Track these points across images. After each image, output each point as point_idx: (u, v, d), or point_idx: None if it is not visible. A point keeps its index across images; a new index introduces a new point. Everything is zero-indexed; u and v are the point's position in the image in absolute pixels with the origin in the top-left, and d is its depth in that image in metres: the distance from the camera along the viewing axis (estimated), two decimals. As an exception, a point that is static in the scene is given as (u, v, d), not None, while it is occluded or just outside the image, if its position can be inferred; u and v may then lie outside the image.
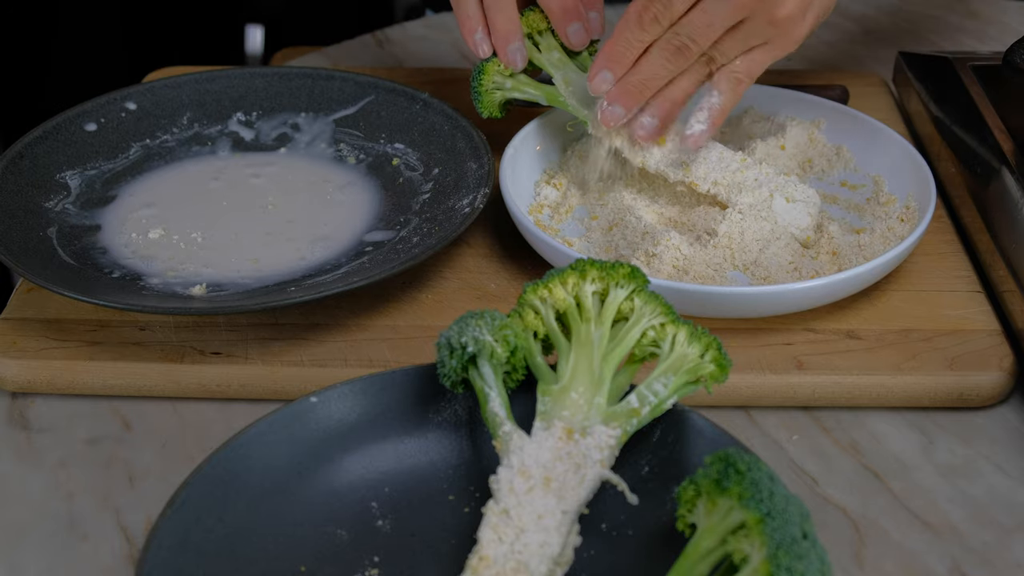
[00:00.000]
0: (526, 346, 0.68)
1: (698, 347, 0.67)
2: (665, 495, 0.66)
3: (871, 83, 1.09)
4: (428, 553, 0.66)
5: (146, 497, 0.72)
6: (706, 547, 0.59)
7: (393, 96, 0.99)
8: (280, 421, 0.68)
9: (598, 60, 0.85)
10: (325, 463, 0.69)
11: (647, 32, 0.83)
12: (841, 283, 0.79)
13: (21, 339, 0.81)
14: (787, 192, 0.85)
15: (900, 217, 0.88)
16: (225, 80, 1.00)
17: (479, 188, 0.88)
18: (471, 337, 0.67)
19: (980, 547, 0.69)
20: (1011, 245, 0.82)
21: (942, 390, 0.78)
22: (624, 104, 0.85)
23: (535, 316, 0.69)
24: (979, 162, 0.89)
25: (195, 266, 0.86)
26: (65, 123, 0.95)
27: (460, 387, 0.69)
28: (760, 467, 0.59)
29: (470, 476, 0.69)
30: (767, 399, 0.78)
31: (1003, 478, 0.74)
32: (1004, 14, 1.24)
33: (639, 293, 0.69)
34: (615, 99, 0.85)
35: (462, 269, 0.88)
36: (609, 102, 0.85)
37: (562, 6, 0.89)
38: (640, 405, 0.66)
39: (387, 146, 0.97)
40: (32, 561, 0.69)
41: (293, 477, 0.67)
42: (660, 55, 0.84)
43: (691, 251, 0.83)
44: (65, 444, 0.76)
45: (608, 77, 0.84)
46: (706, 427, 0.67)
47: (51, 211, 0.89)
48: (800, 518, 0.58)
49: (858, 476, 0.74)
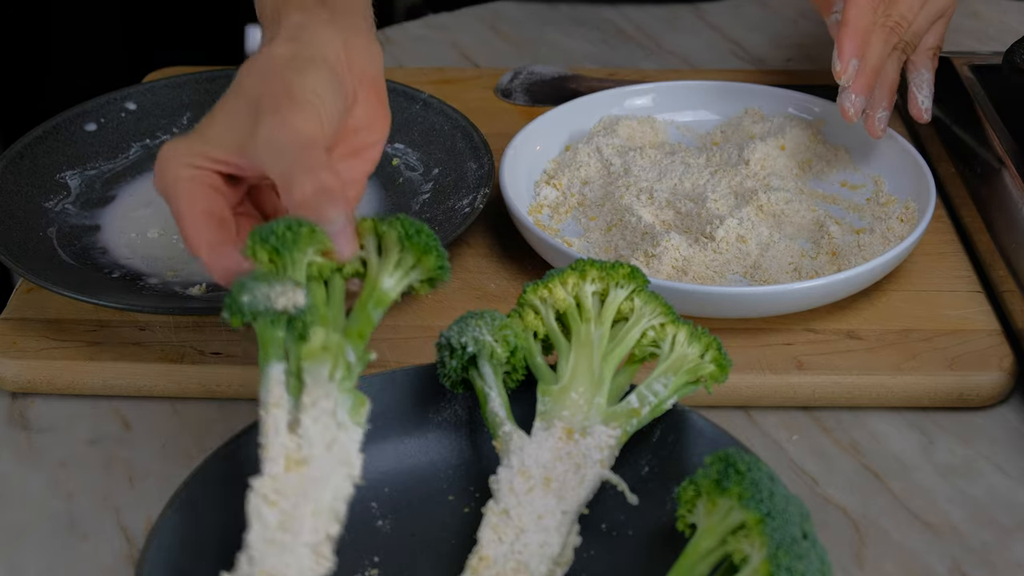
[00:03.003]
0: (526, 346, 0.68)
1: (698, 347, 0.67)
2: (665, 495, 0.66)
3: (871, 83, 1.09)
4: (428, 553, 0.66)
5: (146, 497, 0.72)
6: (706, 547, 0.59)
7: (393, 96, 0.98)
8: (280, 421, 0.68)
9: (844, 50, 0.86)
10: (325, 463, 0.68)
11: (877, 17, 0.87)
12: (841, 283, 0.79)
13: (21, 339, 0.81)
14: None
15: (900, 217, 0.88)
16: (225, 80, 1.00)
17: (479, 188, 0.88)
18: (471, 337, 0.67)
19: (980, 547, 0.69)
20: (1011, 245, 0.82)
21: (942, 390, 0.78)
22: (864, 92, 0.87)
23: (535, 316, 0.69)
24: (979, 162, 0.89)
25: (195, 266, 0.86)
26: (65, 123, 0.95)
27: (460, 387, 0.68)
28: (760, 467, 0.59)
29: (470, 476, 0.69)
30: (767, 399, 0.78)
31: (1003, 478, 0.74)
32: (1004, 14, 1.24)
33: (639, 293, 0.69)
34: (858, 88, 0.87)
35: (462, 269, 0.88)
36: (854, 92, 0.87)
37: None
38: (640, 405, 0.66)
39: (387, 146, 0.97)
40: (32, 561, 0.69)
41: (293, 477, 0.67)
42: (879, 39, 0.87)
43: (690, 252, 0.83)
44: (65, 444, 0.76)
45: (857, 64, 0.86)
46: (706, 427, 0.67)
47: (51, 211, 0.89)
48: (800, 518, 0.58)
49: (858, 476, 0.74)
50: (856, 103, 0.87)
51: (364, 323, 0.65)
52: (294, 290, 0.62)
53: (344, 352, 0.63)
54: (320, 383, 0.62)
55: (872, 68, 0.87)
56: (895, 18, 0.87)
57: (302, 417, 0.61)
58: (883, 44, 0.87)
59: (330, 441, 0.61)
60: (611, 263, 0.69)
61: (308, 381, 0.62)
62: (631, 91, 1.00)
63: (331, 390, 0.62)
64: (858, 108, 0.88)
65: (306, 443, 0.61)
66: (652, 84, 1.01)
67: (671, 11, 1.23)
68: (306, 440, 0.61)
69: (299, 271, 0.64)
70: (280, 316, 0.62)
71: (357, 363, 0.64)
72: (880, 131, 0.90)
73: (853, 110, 0.88)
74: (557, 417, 0.66)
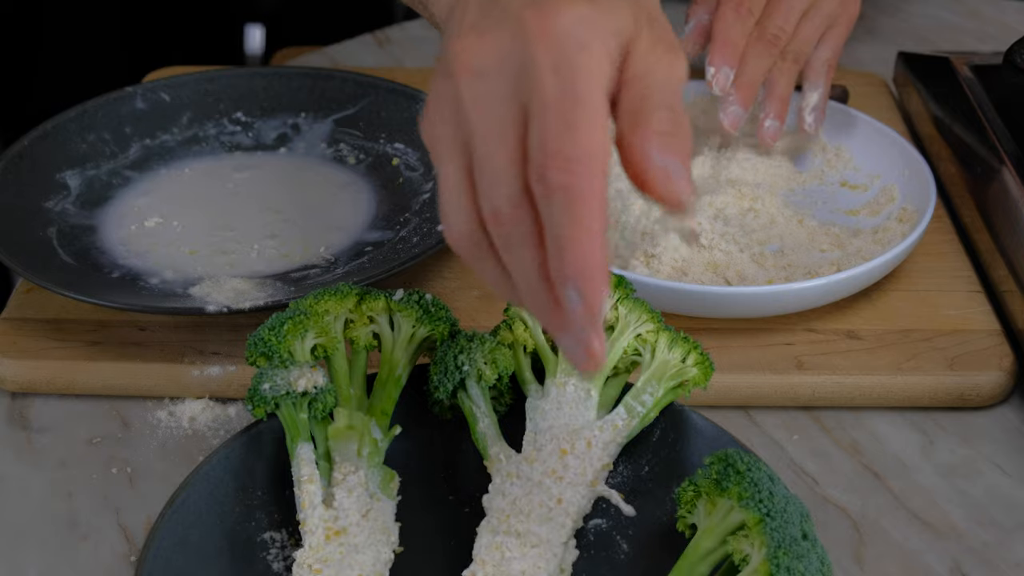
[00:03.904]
0: (515, 365, 0.69)
1: (679, 352, 0.67)
2: (665, 495, 0.66)
3: (871, 83, 1.09)
4: (428, 554, 0.66)
5: (146, 497, 0.72)
6: (706, 547, 0.59)
7: (393, 96, 0.99)
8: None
9: (714, 59, 0.87)
10: (325, 463, 0.69)
11: (746, 24, 0.87)
12: (841, 283, 0.79)
13: (21, 339, 0.81)
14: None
15: (900, 217, 0.88)
16: (225, 80, 1.00)
17: (479, 188, 0.88)
18: (465, 358, 0.67)
19: (980, 547, 0.69)
20: (1011, 245, 0.82)
21: (942, 390, 0.78)
22: (743, 103, 0.88)
23: (524, 329, 0.69)
24: (979, 162, 0.89)
25: (195, 266, 0.86)
26: (65, 123, 0.94)
27: (448, 412, 0.69)
28: (760, 467, 0.59)
29: (469, 477, 0.69)
30: (767, 399, 0.78)
31: (1003, 478, 0.74)
32: (1004, 14, 1.24)
33: (623, 301, 0.69)
34: (737, 100, 0.87)
35: (462, 269, 0.87)
36: (731, 104, 0.87)
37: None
38: (629, 418, 0.66)
39: (387, 146, 0.97)
40: (32, 561, 0.69)
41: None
42: (755, 51, 0.87)
43: (690, 252, 0.83)
44: (65, 444, 0.76)
45: (729, 73, 0.87)
46: (706, 427, 0.67)
47: (51, 211, 0.89)
48: (800, 518, 0.58)
49: (858, 476, 0.74)
50: (731, 115, 0.88)
51: (386, 400, 0.67)
52: (311, 372, 0.65)
53: (369, 430, 0.65)
54: (349, 459, 0.64)
55: (749, 80, 0.88)
56: (772, 30, 0.87)
57: (335, 491, 0.63)
58: (760, 57, 0.88)
59: (365, 511, 0.63)
60: None
61: (337, 459, 0.64)
62: (631, 91, 1.00)
63: (360, 464, 0.64)
64: (733, 120, 0.88)
65: (342, 514, 0.63)
66: (652, 84, 1.01)
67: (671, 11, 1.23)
68: (342, 511, 0.63)
69: (304, 351, 0.67)
70: (302, 399, 0.65)
71: (384, 439, 0.66)
72: (769, 140, 0.91)
73: (728, 121, 0.88)
74: (546, 434, 0.65)
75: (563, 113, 0.50)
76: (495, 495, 0.64)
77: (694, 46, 0.92)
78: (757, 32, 0.88)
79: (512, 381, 0.69)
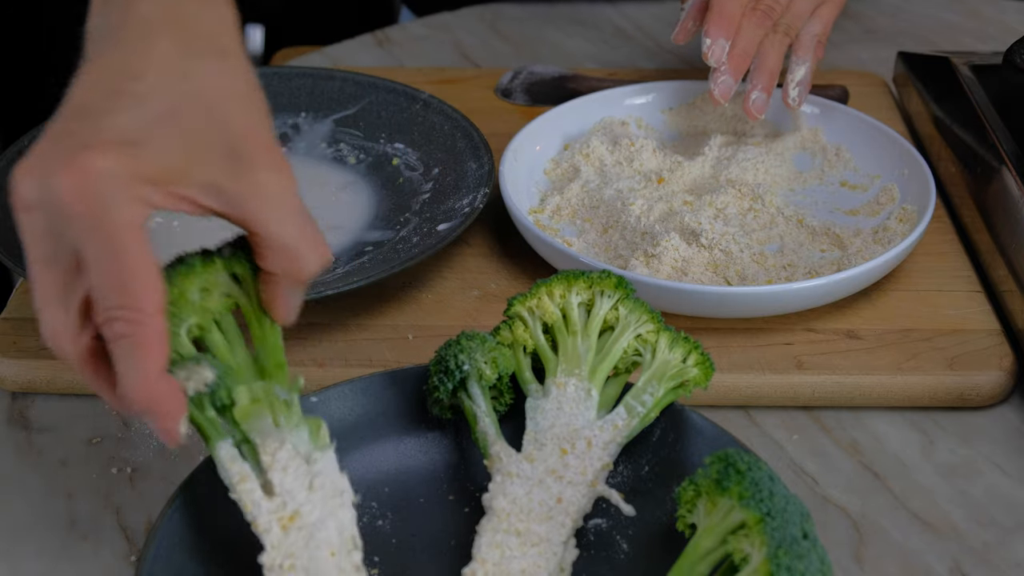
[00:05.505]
0: (515, 366, 0.69)
1: (680, 352, 0.67)
2: (665, 495, 0.66)
3: (871, 83, 1.09)
4: (428, 553, 0.66)
5: (146, 497, 0.72)
6: (706, 547, 0.59)
7: (393, 96, 0.99)
8: (280, 421, 0.68)
9: (710, 30, 0.89)
10: (325, 463, 0.68)
11: (747, 1, 0.89)
12: (841, 283, 0.79)
13: (21, 339, 0.81)
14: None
15: (900, 217, 0.88)
16: (225, 80, 1.00)
17: (479, 188, 0.88)
18: (466, 357, 0.67)
19: (980, 547, 0.69)
20: (1011, 245, 0.82)
21: (942, 390, 0.78)
22: (734, 75, 0.89)
23: (524, 329, 0.69)
24: (979, 162, 0.89)
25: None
26: (65, 123, 0.94)
27: (448, 412, 0.69)
28: (760, 467, 0.59)
29: (470, 476, 0.69)
30: (767, 399, 0.78)
31: (1003, 478, 0.74)
32: (1004, 14, 1.24)
33: (624, 302, 0.69)
34: (728, 70, 0.89)
35: (462, 269, 0.88)
36: (722, 74, 0.89)
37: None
38: (629, 417, 0.66)
39: (387, 146, 0.97)
40: (32, 561, 0.69)
41: (293, 477, 0.67)
42: (750, 23, 0.89)
43: (690, 252, 0.83)
44: (65, 444, 0.76)
45: (725, 45, 0.89)
46: (706, 427, 0.67)
47: (51, 211, 0.89)
48: (800, 518, 0.58)
49: (858, 476, 0.74)
50: (722, 85, 0.89)
51: (274, 351, 0.63)
52: (197, 368, 0.60)
53: (274, 393, 0.62)
54: (269, 435, 0.61)
55: (742, 51, 0.89)
56: (767, 2, 0.90)
57: (271, 476, 0.61)
58: (754, 28, 0.90)
59: (308, 483, 0.61)
60: (597, 272, 0.69)
61: (258, 440, 0.61)
62: (631, 91, 1.00)
63: (282, 436, 0.62)
64: (723, 90, 0.90)
65: (288, 497, 0.61)
66: (652, 84, 1.01)
67: (671, 11, 1.23)
68: (286, 494, 0.61)
69: (184, 345, 0.61)
70: (201, 399, 0.61)
71: (291, 395, 0.63)
72: (756, 112, 0.91)
73: (718, 91, 0.90)
74: (547, 433, 0.66)
75: (110, 275, 0.54)
76: (495, 494, 0.64)
77: (693, 23, 0.93)
78: (751, 4, 0.90)
79: (512, 381, 0.69)
